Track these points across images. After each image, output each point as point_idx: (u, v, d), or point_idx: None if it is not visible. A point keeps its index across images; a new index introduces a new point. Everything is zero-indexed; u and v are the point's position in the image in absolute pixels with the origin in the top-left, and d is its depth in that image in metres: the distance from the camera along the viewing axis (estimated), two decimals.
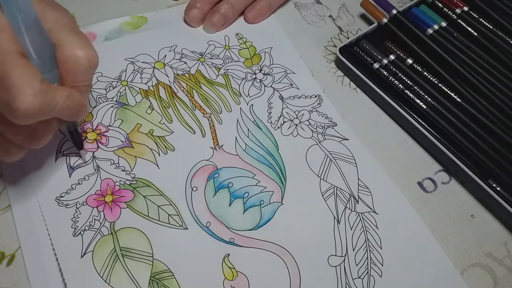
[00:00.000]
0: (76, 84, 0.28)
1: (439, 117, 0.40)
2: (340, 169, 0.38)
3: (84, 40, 0.28)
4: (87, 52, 0.27)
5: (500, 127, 0.40)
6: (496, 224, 0.38)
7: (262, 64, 0.43)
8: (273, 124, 0.40)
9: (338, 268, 0.34)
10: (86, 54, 0.27)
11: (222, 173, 0.37)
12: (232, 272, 0.33)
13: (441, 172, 0.40)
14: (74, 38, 0.27)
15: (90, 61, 0.28)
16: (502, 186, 0.37)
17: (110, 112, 0.38)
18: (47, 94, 0.25)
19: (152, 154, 0.37)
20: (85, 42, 0.28)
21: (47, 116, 0.26)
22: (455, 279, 0.35)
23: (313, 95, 0.42)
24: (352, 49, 0.44)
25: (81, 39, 0.28)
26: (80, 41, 0.27)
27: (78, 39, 0.27)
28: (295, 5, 0.48)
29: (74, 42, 0.27)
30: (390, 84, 0.42)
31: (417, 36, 0.44)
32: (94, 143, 0.36)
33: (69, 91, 0.27)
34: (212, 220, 0.34)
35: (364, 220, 0.36)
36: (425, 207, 0.38)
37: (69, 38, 0.27)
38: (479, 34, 0.45)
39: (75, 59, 0.27)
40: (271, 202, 0.36)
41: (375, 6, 0.46)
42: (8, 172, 0.34)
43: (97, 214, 0.33)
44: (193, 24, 0.44)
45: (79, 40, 0.27)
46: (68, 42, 0.27)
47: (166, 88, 0.40)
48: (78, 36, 0.28)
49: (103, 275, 0.31)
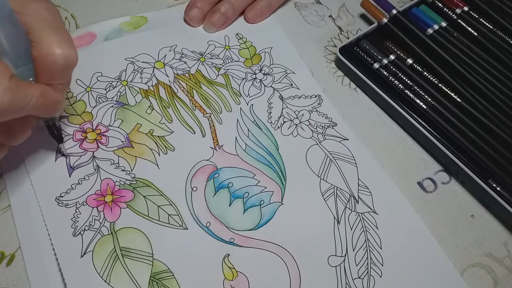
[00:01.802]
0: (52, 82, 0.27)
1: (439, 117, 0.40)
2: (340, 169, 0.38)
3: (63, 37, 0.27)
4: (65, 50, 0.26)
5: (500, 127, 0.40)
6: (496, 224, 0.38)
7: (262, 64, 0.43)
8: (273, 124, 0.40)
9: (338, 268, 0.34)
10: (64, 52, 0.26)
11: (222, 173, 0.37)
12: (232, 272, 0.33)
13: (441, 172, 0.40)
14: (53, 35, 0.26)
15: (68, 60, 0.27)
16: (502, 186, 0.37)
17: (110, 112, 0.38)
18: (17, 92, 0.24)
19: (152, 154, 0.37)
20: (64, 39, 0.27)
21: (20, 113, 0.26)
22: (455, 279, 0.35)
23: (313, 95, 0.42)
24: (352, 49, 0.44)
25: (60, 36, 0.26)
26: (58, 39, 0.26)
27: (56, 37, 0.26)
28: (295, 5, 0.48)
29: (52, 39, 0.26)
30: (390, 84, 0.42)
31: (417, 36, 0.44)
32: (94, 143, 0.36)
33: (43, 88, 0.27)
34: (212, 220, 0.34)
35: (364, 220, 0.36)
36: (425, 207, 0.38)
37: (47, 35, 0.26)
38: (479, 34, 0.45)
39: (51, 58, 0.26)
40: (271, 202, 0.36)
41: (375, 6, 0.46)
42: (8, 172, 0.34)
43: (97, 214, 0.33)
44: (193, 24, 0.44)
45: (58, 38, 0.26)
46: (46, 39, 0.26)
47: (166, 88, 0.40)
48: (57, 33, 0.26)
49: (103, 275, 0.31)
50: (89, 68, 0.40)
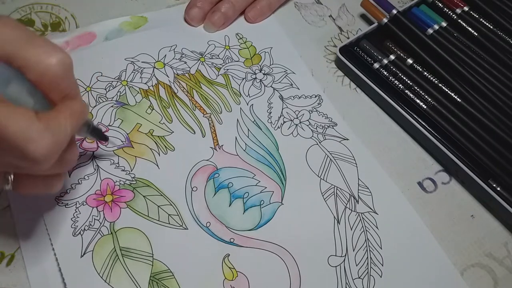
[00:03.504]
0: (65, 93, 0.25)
1: (439, 117, 0.40)
2: (340, 169, 0.38)
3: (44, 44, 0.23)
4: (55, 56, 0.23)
5: (500, 127, 0.40)
6: (496, 224, 0.38)
7: (262, 64, 0.43)
8: (273, 124, 0.40)
9: (338, 268, 0.34)
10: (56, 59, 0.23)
11: (222, 173, 0.37)
12: (232, 272, 0.33)
13: (441, 172, 0.40)
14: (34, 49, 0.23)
15: (64, 63, 0.24)
16: (502, 186, 0.37)
17: (110, 112, 0.38)
18: (51, 126, 0.23)
19: (152, 154, 0.37)
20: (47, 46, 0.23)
21: (66, 143, 0.24)
22: (455, 279, 0.35)
23: (313, 95, 0.42)
24: (352, 49, 0.44)
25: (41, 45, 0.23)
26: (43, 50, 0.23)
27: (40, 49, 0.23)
28: (295, 5, 0.48)
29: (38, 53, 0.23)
30: (390, 84, 0.42)
31: (417, 36, 0.44)
32: (94, 142, 0.36)
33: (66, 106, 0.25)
34: (212, 220, 0.34)
35: (364, 220, 0.36)
36: (425, 207, 0.38)
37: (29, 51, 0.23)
38: (479, 34, 0.45)
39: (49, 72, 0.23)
40: (271, 202, 0.36)
41: (375, 6, 0.46)
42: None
43: (97, 214, 0.33)
44: (194, 23, 0.44)
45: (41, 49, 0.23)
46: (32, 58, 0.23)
47: (166, 88, 0.40)
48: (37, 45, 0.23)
49: (103, 275, 0.31)
50: (89, 68, 0.40)
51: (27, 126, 0.22)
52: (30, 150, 0.22)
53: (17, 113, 0.22)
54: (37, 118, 0.22)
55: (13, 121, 0.21)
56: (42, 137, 0.22)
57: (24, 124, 0.22)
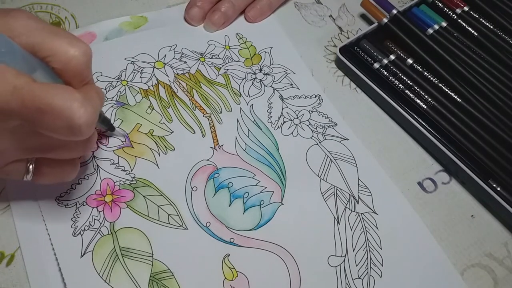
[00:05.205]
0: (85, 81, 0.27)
1: (439, 117, 0.40)
2: (340, 169, 0.38)
3: (67, 36, 0.25)
4: (79, 47, 0.25)
5: (500, 127, 0.40)
6: (496, 224, 0.38)
7: (262, 64, 0.43)
8: (273, 124, 0.40)
9: (338, 268, 0.34)
10: (79, 50, 0.25)
11: (222, 173, 0.37)
12: (232, 272, 0.33)
13: (441, 172, 0.40)
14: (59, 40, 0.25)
15: (87, 53, 0.26)
16: (502, 186, 0.37)
17: (110, 112, 0.38)
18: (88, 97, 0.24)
19: (152, 154, 0.37)
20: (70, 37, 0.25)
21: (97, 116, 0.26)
22: (455, 279, 0.35)
23: (313, 95, 0.42)
24: (352, 49, 0.44)
25: (65, 36, 0.25)
26: (67, 40, 0.25)
27: (64, 39, 0.25)
28: (295, 5, 0.48)
29: (62, 44, 0.25)
30: (390, 84, 0.42)
31: (417, 36, 0.44)
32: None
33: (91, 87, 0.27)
34: (212, 220, 0.34)
35: (364, 220, 0.36)
36: (425, 207, 0.38)
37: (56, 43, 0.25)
38: (479, 34, 0.45)
39: (75, 61, 0.25)
40: (271, 202, 0.36)
41: (375, 6, 0.45)
42: None
43: (97, 214, 0.33)
44: (194, 23, 0.44)
45: (65, 40, 0.25)
46: (58, 48, 0.25)
47: (166, 87, 0.40)
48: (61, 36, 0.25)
49: (102, 275, 0.31)
50: None
51: (70, 97, 0.23)
52: (75, 117, 0.23)
53: (57, 87, 0.24)
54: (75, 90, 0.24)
55: (56, 95, 0.23)
56: (84, 105, 0.24)
57: (68, 95, 0.23)
